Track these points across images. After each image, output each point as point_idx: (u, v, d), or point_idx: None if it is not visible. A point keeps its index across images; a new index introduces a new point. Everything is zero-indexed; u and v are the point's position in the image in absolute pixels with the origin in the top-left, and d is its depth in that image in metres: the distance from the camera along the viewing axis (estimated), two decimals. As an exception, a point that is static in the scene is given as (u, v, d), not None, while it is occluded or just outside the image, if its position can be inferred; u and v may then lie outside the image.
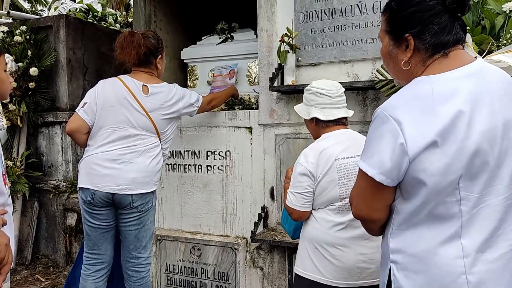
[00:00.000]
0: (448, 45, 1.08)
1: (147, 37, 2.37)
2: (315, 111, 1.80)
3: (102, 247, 2.38)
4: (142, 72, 2.41)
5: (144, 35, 2.38)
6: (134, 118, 2.29)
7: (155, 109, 2.33)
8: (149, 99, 2.33)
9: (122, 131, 2.28)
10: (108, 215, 2.32)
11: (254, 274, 2.88)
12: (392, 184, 1.07)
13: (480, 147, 1.00)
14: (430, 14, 1.07)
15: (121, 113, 2.28)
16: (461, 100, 1.01)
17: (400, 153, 1.01)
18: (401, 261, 1.09)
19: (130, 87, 2.32)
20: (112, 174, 2.24)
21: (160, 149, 2.40)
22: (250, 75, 3.20)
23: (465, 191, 1.02)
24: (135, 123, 2.29)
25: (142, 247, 2.38)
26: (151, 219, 2.42)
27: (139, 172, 2.28)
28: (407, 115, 1.02)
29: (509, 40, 1.89)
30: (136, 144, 2.29)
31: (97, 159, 2.27)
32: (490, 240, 1.03)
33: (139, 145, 2.30)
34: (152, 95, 2.34)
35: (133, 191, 2.26)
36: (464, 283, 1.02)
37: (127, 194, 2.25)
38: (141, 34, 2.38)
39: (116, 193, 2.24)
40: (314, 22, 2.63)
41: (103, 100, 2.31)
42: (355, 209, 1.19)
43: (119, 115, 2.28)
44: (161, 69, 2.50)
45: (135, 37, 2.32)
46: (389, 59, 1.19)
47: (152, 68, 2.44)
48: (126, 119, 2.28)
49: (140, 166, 2.28)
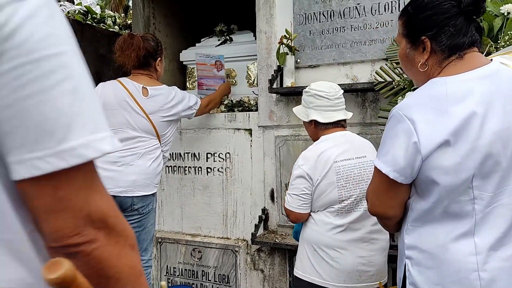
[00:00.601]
0: (463, 47, 1.11)
1: (146, 40, 2.38)
2: (313, 114, 1.80)
3: None
4: (142, 74, 2.42)
5: (144, 37, 2.39)
6: (134, 120, 2.30)
7: (155, 111, 2.34)
8: (149, 102, 2.33)
9: (123, 133, 2.28)
10: None
11: (255, 277, 2.89)
12: (406, 181, 1.10)
13: (492, 148, 1.02)
14: (446, 16, 1.11)
15: (122, 115, 2.29)
16: (475, 101, 1.03)
17: (413, 151, 1.05)
18: (415, 257, 1.13)
19: (130, 90, 2.33)
20: (112, 176, 2.25)
21: (161, 152, 2.41)
22: (249, 77, 3.20)
23: (479, 190, 1.04)
24: (135, 125, 2.30)
25: (143, 250, 2.39)
26: (152, 221, 2.42)
27: (140, 174, 2.28)
28: (421, 115, 1.05)
29: (507, 42, 1.89)
30: (137, 146, 2.30)
31: (97, 161, 2.27)
32: (504, 239, 1.06)
33: (139, 147, 2.31)
34: (152, 97, 2.35)
35: (133, 193, 2.27)
36: (476, 280, 1.04)
37: (127, 196, 2.26)
38: (141, 36, 2.39)
39: (116, 196, 2.25)
40: (312, 24, 2.64)
41: (103, 102, 2.31)
42: (370, 206, 1.23)
43: (120, 117, 2.29)
44: (160, 71, 2.51)
45: (135, 40, 2.33)
46: (406, 61, 1.23)
47: (152, 70, 2.45)
48: (126, 121, 2.29)
49: (141, 168, 2.29)
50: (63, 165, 0.49)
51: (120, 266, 0.55)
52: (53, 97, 0.48)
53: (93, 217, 0.52)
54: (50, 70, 0.48)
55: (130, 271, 0.56)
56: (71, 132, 0.49)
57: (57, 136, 0.48)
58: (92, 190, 0.54)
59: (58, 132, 0.49)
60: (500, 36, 1.97)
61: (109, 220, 0.54)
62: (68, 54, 0.51)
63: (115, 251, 0.54)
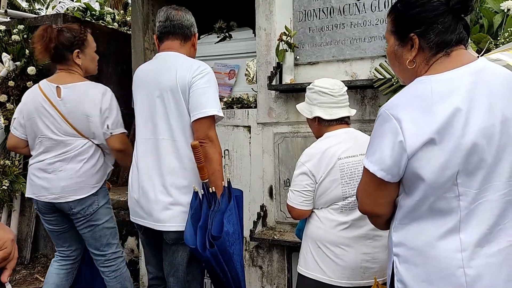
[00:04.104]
0: (451, 44, 1.12)
1: (61, 31, 2.22)
2: (317, 110, 1.80)
3: (65, 245, 2.40)
4: (61, 70, 2.29)
5: (61, 29, 2.23)
6: (54, 125, 2.20)
7: (70, 111, 2.19)
8: (63, 102, 2.19)
9: (47, 140, 2.22)
10: (58, 220, 2.32)
11: (253, 273, 2.89)
12: (393, 180, 1.11)
13: (476, 144, 1.02)
14: (435, 14, 1.11)
15: (42, 122, 2.21)
16: (459, 98, 1.04)
17: (399, 150, 1.06)
18: (403, 254, 1.14)
19: (46, 93, 2.21)
20: (44, 184, 2.23)
21: (98, 149, 2.28)
22: (249, 74, 3.20)
23: (463, 187, 1.05)
24: (56, 130, 2.21)
25: (105, 245, 2.33)
26: (105, 218, 2.32)
27: (69, 180, 2.21)
28: (407, 113, 1.06)
29: (507, 39, 1.89)
30: (65, 151, 2.22)
31: (33, 169, 2.29)
32: (489, 235, 1.06)
33: (68, 152, 2.22)
34: (65, 97, 2.20)
35: (66, 199, 2.21)
36: (462, 276, 1.05)
37: (62, 202, 2.22)
38: (58, 28, 2.24)
39: (53, 202, 2.23)
40: (312, 21, 2.63)
41: (25, 112, 2.26)
42: (360, 204, 1.25)
43: (41, 124, 2.22)
44: (84, 64, 2.30)
45: (47, 31, 2.20)
46: (394, 58, 1.23)
47: (71, 64, 2.26)
48: (47, 128, 2.21)
49: (70, 173, 2.21)
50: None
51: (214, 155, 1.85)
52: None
53: (209, 136, 1.84)
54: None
55: (219, 159, 1.87)
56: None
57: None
58: (212, 128, 1.86)
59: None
60: (499, 33, 1.97)
61: (213, 138, 1.86)
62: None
63: (211, 149, 1.84)
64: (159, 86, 1.91)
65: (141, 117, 2.00)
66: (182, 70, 1.86)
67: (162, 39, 2.02)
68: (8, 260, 0.95)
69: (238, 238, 1.88)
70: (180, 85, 1.85)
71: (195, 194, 1.85)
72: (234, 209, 1.87)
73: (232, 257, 1.84)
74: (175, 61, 1.92)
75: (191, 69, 1.86)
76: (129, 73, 4.09)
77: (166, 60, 1.96)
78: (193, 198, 1.84)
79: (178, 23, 1.98)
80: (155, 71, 1.96)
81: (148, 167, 1.94)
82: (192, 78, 1.85)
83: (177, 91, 1.86)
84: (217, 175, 1.84)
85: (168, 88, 1.88)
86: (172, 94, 1.87)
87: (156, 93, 1.91)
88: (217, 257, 1.79)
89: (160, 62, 1.98)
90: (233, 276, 1.88)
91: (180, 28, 1.99)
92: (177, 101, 1.87)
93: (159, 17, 2.02)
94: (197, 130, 1.83)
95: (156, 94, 1.91)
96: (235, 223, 1.86)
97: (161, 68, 1.93)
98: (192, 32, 2.05)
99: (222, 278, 1.87)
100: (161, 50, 2.03)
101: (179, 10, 2.01)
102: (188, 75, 1.85)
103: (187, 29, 2.01)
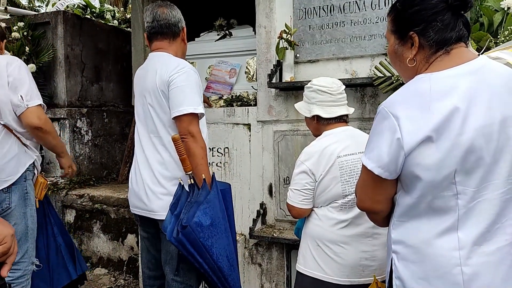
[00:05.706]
0: (450, 42, 1.12)
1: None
2: (316, 109, 1.80)
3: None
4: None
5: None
6: None
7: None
8: None
9: None
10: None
11: (253, 271, 2.89)
12: (391, 177, 1.11)
13: (474, 143, 1.02)
14: (434, 12, 1.11)
15: None
16: (457, 97, 1.04)
17: (396, 147, 1.06)
18: (401, 251, 1.14)
19: None
20: None
21: (10, 134, 2.06)
22: (249, 71, 3.20)
23: (462, 185, 1.05)
24: None
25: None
26: (14, 221, 2.09)
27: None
28: (405, 111, 1.06)
29: (507, 37, 1.89)
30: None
31: None
32: (487, 234, 1.06)
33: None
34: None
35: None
36: (459, 274, 1.05)
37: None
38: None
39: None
40: (312, 19, 2.63)
41: None
42: (358, 201, 1.25)
43: None
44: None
45: None
46: (395, 57, 1.24)
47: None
48: None
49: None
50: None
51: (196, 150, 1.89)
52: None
53: (190, 131, 1.87)
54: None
55: (201, 153, 1.90)
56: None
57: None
58: (193, 124, 1.89)
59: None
60: (500, 31, 1.97)
61: (194, 134, 1.88)
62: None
63: (193, 144, 1.88)
64: (144, 87, 2.00)
65: (137, 115, 2.10)
66: (161, 70, 1.92)
67: (152, 39, 2.06)
68: (8, 255, 0.96)
69: (221, 232, 1.87)
70: (159, 85, 1.92)
71: (180, 184, 1.93)
72: (218, 203, 1.89)
73: (209, 250, 1.82)
74: (158, 61, 1.99)
75: (168, 69, 1.91)
76: (129, 70, 4.10)
77: (153, 61, 2.03)
78: (178, 188, 1.93)
79: (165, 23, 2.00)
80: (144, 72, 2.05)
81: (142, 160, 2.04)
82: (170, 77, 1.89)
83: (158, 91, 1.93)
84: (200, 169, 1.87)
85: (150, 88, 1.96)
86: (154, 94, 1.95)
87: (144, 93, 2.01)
88: (185, 246, 1.80)
89: (149, 63, 2.06)
90: (213, 269, 1.86)
91: (167, 27, 2.01)
92: (158, 101, 1.94)
93: (146, 17, 2.04)
94: (178, 126, 1.91)
95: (144, 94, 2.01)
96: (216, 217, 1.85)
97: (148, 69, 2.01)
98: (180, 28, 2.07)
99: (199, 269, 1.87)
100: (152, 50, 2.08)
101: (164, 8, 2.02)
102: (165, 74, 1.90)
103: (174, 27, 2.03)
